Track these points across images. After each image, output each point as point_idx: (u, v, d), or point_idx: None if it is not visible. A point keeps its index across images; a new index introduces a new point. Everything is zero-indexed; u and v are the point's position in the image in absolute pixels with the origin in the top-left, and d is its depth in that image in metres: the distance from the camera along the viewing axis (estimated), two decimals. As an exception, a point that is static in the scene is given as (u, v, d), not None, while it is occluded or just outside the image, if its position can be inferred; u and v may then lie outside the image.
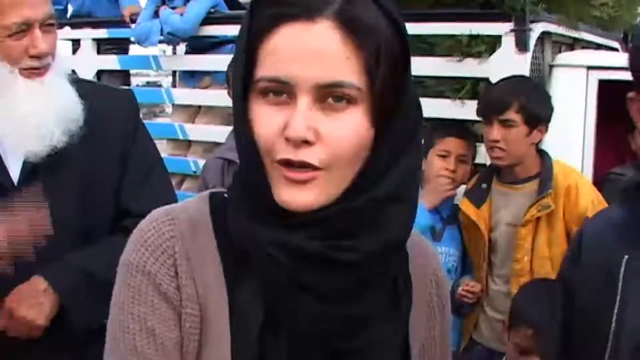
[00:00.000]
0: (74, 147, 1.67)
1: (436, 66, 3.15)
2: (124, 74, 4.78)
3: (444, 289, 1.07)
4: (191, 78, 4.39)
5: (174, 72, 4.97)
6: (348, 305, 0.88)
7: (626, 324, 1.13)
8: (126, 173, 1.79)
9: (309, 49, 0.82)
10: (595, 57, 3.34)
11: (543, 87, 2.96)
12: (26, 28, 1.59)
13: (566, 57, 3.30)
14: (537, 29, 3.08)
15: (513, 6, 3.01)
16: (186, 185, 4.10)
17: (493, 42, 3.10)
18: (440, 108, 3.09)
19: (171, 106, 4.72)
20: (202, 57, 4.23)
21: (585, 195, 2.50)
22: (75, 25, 4.69)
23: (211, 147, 3.81)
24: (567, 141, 3.01)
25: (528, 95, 2.55)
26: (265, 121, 0.84)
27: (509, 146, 2.53)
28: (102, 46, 4.58)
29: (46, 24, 1.63)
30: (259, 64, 0.84)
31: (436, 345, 1.05)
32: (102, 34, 4.53)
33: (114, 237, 1.73)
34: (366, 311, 0.90)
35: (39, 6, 1.61)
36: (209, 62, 4.16)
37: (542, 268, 2.51)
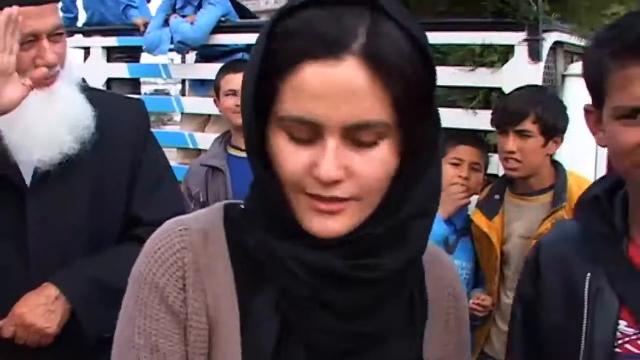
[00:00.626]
0: (84, 154, 1.67)
1: (448, 75, 3.12)
2: (133, 82, 4.79)
3: (462, 302, 1.06)
4: (201, 87, 4.39)
5: (183, 80, 4.98)
6: (364, 322, 0.87)
7: (595, 345, 1.10)
8: (137, 182, 1.78)
9: (336, 88, 0.79)
10: (608, 67, 3.32)
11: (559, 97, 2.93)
12: (34, 39, 1.59)
13: (579, 66, 3.25)
14: (549, 38, 3.07)
15: (526, 16, 3.00)
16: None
17: (506, 52, 3.09)
18: (453, 117, 3.06)
19: (180, 114, 4.72)
20: (212, 65, 4.22)
21: (599, 208, 2.46)
22: (86, 33, 4.70)
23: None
24: (580, 151, 2.98)
25: (545, 106, 2.51)
26: (292, 159, 0.82)
27: (524, 157, 2.50)
28: (112, 54, 4.60)
29: (54, 34, 1.62)
30: (281, 99, 0.81)
31: (453, 358, 1.03)
32: (112, 42, 4.55)
33: (126, 245, 1.72)
34: (382, 327, 0.89)
35: (46, 18, 1.60)
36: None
37: (554, 282, 2.48)
